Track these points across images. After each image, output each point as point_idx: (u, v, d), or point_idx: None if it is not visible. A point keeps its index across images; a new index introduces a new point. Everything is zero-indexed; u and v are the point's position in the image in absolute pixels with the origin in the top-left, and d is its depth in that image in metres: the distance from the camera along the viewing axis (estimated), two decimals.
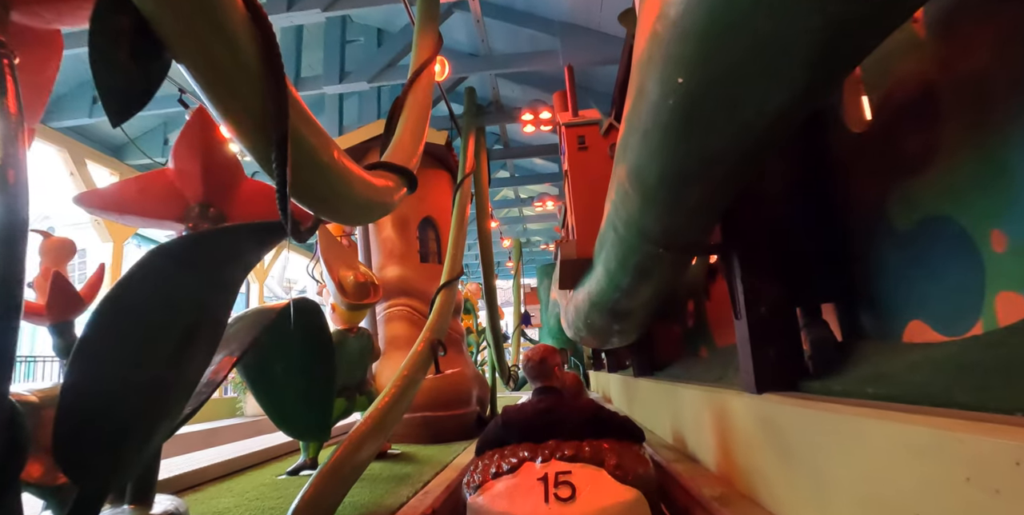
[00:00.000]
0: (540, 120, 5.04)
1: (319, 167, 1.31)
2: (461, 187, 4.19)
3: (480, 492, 1.68)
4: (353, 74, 4.68)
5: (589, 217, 2.70)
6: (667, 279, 2.21)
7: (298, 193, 1.29)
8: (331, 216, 1.48)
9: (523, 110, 5.01)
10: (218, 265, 1.28)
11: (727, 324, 3.14)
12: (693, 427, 2.43)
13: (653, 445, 3.12)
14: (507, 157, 6.63)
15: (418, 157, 2.20)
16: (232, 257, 1.28)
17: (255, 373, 2.07)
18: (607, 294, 2.59)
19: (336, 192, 1.41)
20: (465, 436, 4.27)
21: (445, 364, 4.32)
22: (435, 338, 2.91)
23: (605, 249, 2.30)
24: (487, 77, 5.20)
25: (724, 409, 1.97)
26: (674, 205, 1.51)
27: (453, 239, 3.73)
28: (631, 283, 2.27)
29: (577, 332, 4.40)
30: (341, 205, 1.48)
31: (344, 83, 4.69)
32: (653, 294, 2.39)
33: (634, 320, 3.07)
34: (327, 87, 4.72)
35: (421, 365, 2.72)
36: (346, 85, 4.70)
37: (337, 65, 4.70)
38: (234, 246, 1.27)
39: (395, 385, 2.43)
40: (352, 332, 3.05)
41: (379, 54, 4.89)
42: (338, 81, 4.68)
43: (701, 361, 3.53)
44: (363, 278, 2.99)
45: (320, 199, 1.38)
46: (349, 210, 1.54)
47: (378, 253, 4.65)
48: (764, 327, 1.66)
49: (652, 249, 1.80)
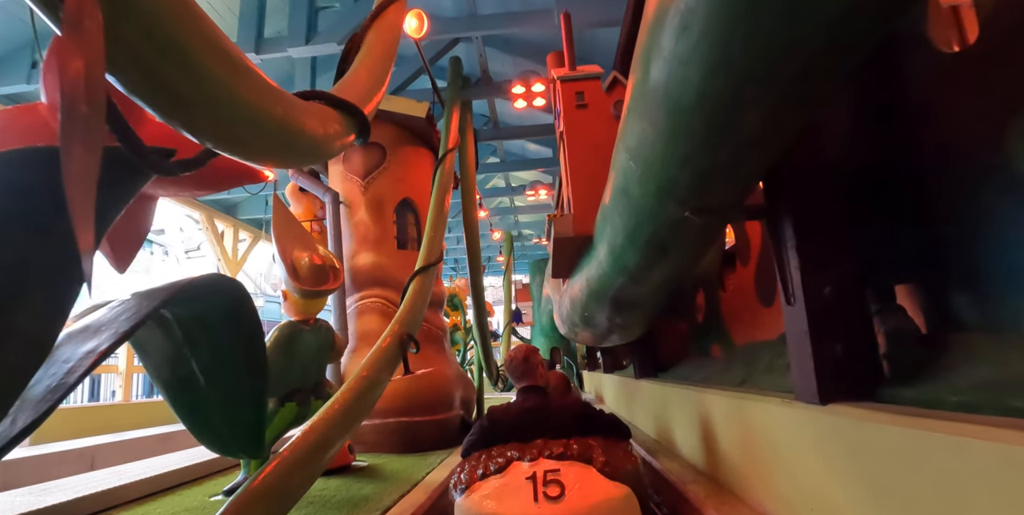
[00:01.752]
0: (533, 93, 4.61)
1: (195, 65, 0.88)
2: (443, 163, 3.76)
3: (468, 493, 1.66)
4: (323, 34, 4.22)
5: (589, 187, 2.28)
6: (687, 258, 1.79)
7: (155, 96, 0.87)
8: (229, 148, 1.05)
9: (514, 81, 4.58)
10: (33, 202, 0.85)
11: (748, 318, 2.73)
12: (721, 442, 2.01)
13: (659, 457, 2.71)
14: (496, 138, 6.20)
15: (375, 103, 1.77)
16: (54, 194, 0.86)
17: (164, 372, 1.65)
18: (609, 279, 2.18)
19: (234, 111, 0.98)
20: (446, 443, 3.84)
21: (422, 363, 3.90)
22: (405, 332, 2.48)
23: (610, 222, 1.88)
24: (474, 48, 4.77)
25: (768, 424, 1.55)
26: (713, 141, 1.09)
27: (432, 220, 3.30)
28: (641, 263, 1.85)
29: (572, 328, 3.99)
30: (245, 134, 1.05)
31: (312, 45, 4.23)
32: (666, 279, 1.97)
33: (639, 313, 2.65)
34: (292, 49, 4.25)
35: (386, 364, 2.29)
36: (314, 46, 4.24)
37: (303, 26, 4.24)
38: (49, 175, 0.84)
39: (349, 388, 2.00)
40: (307, 324, 2.61)
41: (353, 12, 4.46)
42: (304, 42, 4.22)
43: (714, 361, 3.13)
44: (320, 260, 2.56)
45: (206, 118, 0.95)
46: (259, 144, 1.11)
47: (350, 238, 4.22)
48: (829, 314, 1.25)
49: (675, 212, 1.38)
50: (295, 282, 2.52)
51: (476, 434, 1.87)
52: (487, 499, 1.62)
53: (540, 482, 1.59)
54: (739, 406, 1.82)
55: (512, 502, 1.58)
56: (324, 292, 2.58)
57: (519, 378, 2.03)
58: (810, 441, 1.28)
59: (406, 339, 2.45)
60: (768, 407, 1.53)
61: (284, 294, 2.61)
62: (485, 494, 1.63)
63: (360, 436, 3.71)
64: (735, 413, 1.84)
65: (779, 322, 2.39)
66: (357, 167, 4.30)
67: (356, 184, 4.27)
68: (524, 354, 2.07)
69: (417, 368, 3.82)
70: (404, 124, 4.44)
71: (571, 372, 10.15)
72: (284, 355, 2.46)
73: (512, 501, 1.58)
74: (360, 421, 2.03)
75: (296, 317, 2.63)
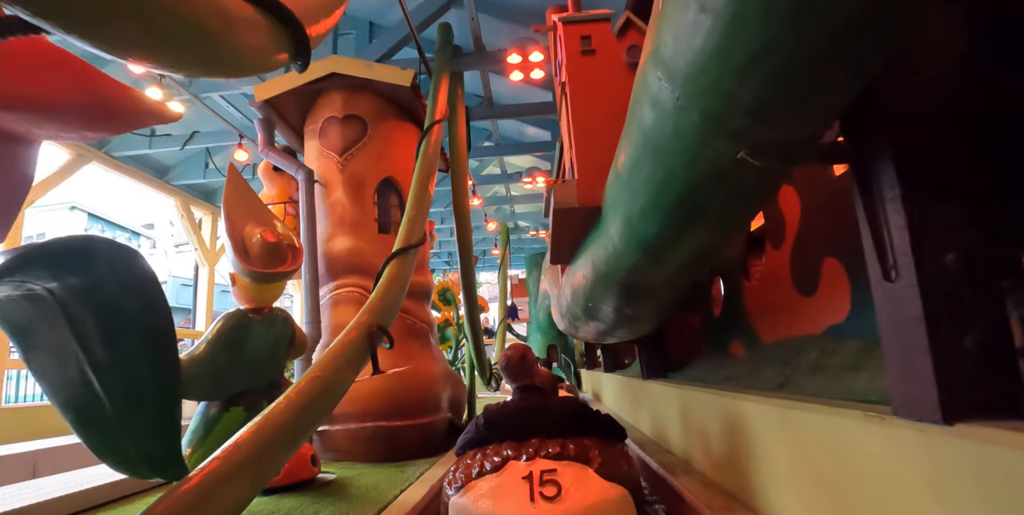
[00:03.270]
0: (530, 63, 4.21)
1: None
2: (429, 135, 3.37)
3: (463, 492, 1.65)
4: None
5: (597, 148, 1.90)
6: (725, 224, 1.41)
7: None
8: (61, 23, 0.66)
9: (509, 49, 4.18)
10: None
11: (782, 311, 2.36)
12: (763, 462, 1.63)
13: (676, 473, 2.34)
14: (490, 117, 5.79)
15: (326, 24, 1.37)
16: None
17: (47, 369, 1.28)
18: (622, 259, 1.80)
19: None
20: (431, 450, 3.47)
21: (403, 360, 3.52)
22: (375, 323, 2.10)
23: (627, 185, 1.50)
24: (466, 13, 4.37)
25: (845, 446, 1.17)
26: (800, 25, 0.70)
27: (414, 195, 2.92)
28: (665, 234, 1.47)
29: (572, 322, 3.61)
30: None
31: None
32: (693, 256, 1.60)
33: (652, 303, 2.28)
34: None
35: (348, 361, 1.91)
36: None
37: None
38: None
39: (298, 391, 1.61)
40: (260, 314, 2.23)
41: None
42: None
43: (735, 361, 2.76)
44: (274, 237, 2.17)
45: None
46: (114, 26, 0.72)
47: (325, 221, 3.82)
48: (954, 293, 0.88)
49: (723, 153, 1.00)
50: (243, 263, 2.13)
51: (471, 432, 1.85)
52: (482, 498, 1.60)
53: (536, 482, 1.58)
54: (790, 418, 1.44)
55: (508, 502, 1.56)
56: (279, 275, 2.19)
57: (515, 377, 1.99)
58: (923, 477, 0.90)
59: (376, 332, 2.07)
60: (844, 424, 1.15)
61: (232, 278, 2.22)
62: (481, 493, 1.61)
63: (332, 443, 3.33)
64: (785, 426, 1.47)
65: (825, 313, 2.02)
66: (334, 142, 3.90)
67: (333, 161, 3.88)
68: (521, 353, 2.04)
69: (394, 366, 3.45)
70: (387, 95, 4.05)
71: (569, 371, 9.80)
72: (228, 350, 2.08)
73: (508, 501, 1.57)
74: (308, 432, 1.65)
75: (246, 305, 2.24)
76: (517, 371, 1.99)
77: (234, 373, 2.09)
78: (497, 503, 1.58)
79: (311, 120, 4.13)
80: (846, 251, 1.84)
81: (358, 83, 3.93)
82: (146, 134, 6.12)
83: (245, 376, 2.12)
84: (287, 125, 4.33)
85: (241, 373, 2.10)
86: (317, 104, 4.10)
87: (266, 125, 3.99)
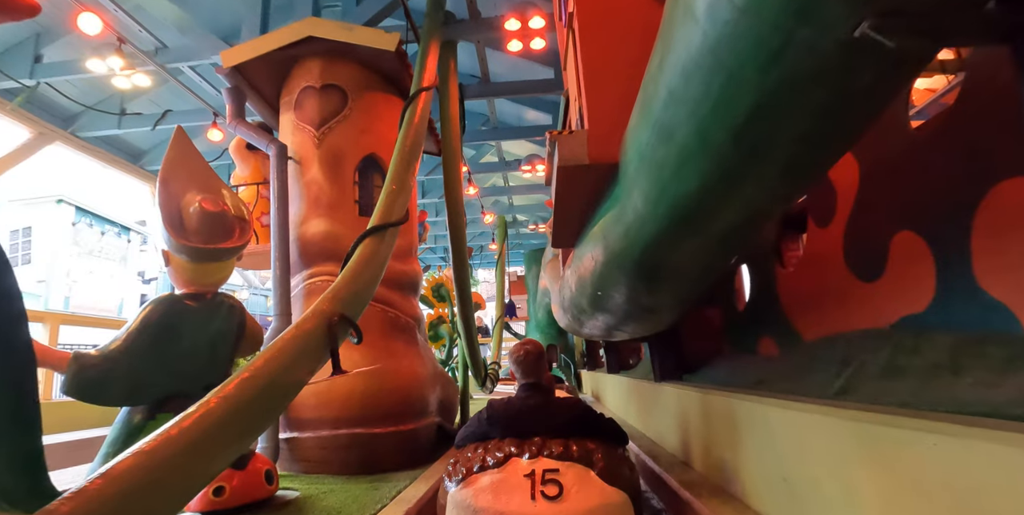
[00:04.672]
0: (530, 31, 3.84)
1: None
2: (415, 102, 3.00)
3: (464, 485, 1.66)
4: None
5: (613, 91, 1.54)
6: (806, 167, 1.04)
7: None
8: None
9: (507, 14, 3.81)
10: None
11: (831, 301, 1.99)
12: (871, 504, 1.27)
13: (700, 492, 1.98)
14: (486, 95, 5.40)
15: None
16: None
17: None
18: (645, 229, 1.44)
19: None
20: (416, 460, 3.11)
21: (384, 358, 3.15)
22: (337, 312, 1.73)
23: (661, 121, 1.14)
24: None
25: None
26: None
27: (395, 168, 2.55)
28: (711, 186, 1.10)
29: (577, 316, 3.25)
30: None
31: None
32: (744, 221, 1.23)
33: (675, 289, 1.91)
34: None
35: (298, 358, 1.54)
36: None
37: None
38: None
39: (221, 396, 1.25)
40: (200, 299, 1.86)
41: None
42: None
43: (767, 362, 2.40)
44: (214, 206, 1.81)
45: None
46: None
47: (299, 202, 3.45)
48: None
49: (838, 23, 0.63)
50: (175, 236, 1.77)
51: (474, 425, 1.86)
52: (483, 493, 1.61)
53: (538, 480, 1.59)
54: (879, 439, 1.08)
55: (509, 498, 1.58)
56: (221, 252, 1.82)
57: (528, 373, 1.98)
58: None
59: (337, 322, 1.70)
60: (990, 451, 0.78)
61: (165, 256, 1.85)
62: (481, 488, 1.63)
63: (301, 452, 2.97)
64: (869, 448, 1.10)
65: (896, 301, 1.65)
66: (311, 114, 3.53)
67: (308, 135, 3.50)
68: (540, 350, 2.05)
69: (375, 364, 3.08)
70: (371, 63, 3.68)
71: (569, 372, 9.44)
72: (155, 343, 1.71)
73: (509, 497, 1.58)
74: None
75: (184, 288, 1.87)
76: (532, 367, 1.98)
77: (162, 372, 1.73)
78: (498, 499, 1.59)
79: (286, 91, 3.76)
80: (929, 221, 1.47)
81: (338, 49, 3.56)
82: (115, 112, 5.73)
83: (177, 376, 1.75)
84: (261, 97, 3.96)
85: (172, 372, 1.73)
86: (293, 73, 3.73)
87: (235, 95, 3.62)
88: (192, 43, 4.63)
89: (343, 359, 3.01)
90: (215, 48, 3.85)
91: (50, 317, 5.15)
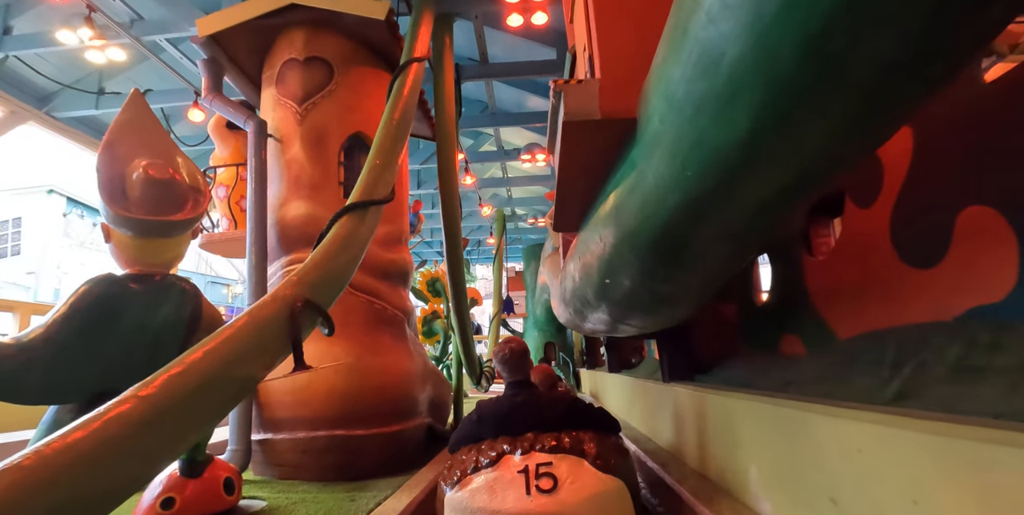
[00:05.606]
0: (532, 3, 3.60)
1: None
2: (404, 73, 2.76)
3: (459, 487, 1.68)
4: None
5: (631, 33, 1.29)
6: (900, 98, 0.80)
7: None
8: None
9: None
10: None
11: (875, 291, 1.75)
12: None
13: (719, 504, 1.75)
14: (484, 76, 5.15)
15: None
16: None
17: None
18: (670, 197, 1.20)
19: None
20: (403, 465, 2.88)
21: (364, 352, 2.91)
22: (303, 297, 1.50)
23: (699, 46, 0.90)
24: None
25: None
26: None
27: (380, 140, 2.31)
28: (765, 126, 0.87)
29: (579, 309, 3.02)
30: None
31: None
32: (803, 176, 1.00)
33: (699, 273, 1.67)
34: None
35: (253, 351, 1.30)
36: None
37: None
38: None
39: (141, 394, 1.01)
40: (146, 281, 1.62)
41: None
42: None
43: (794, 361, 2.16)
44: (161, 173, 1.57)
45: None
46: None
47: (279, 182, 3.21)
48: None
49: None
50: (113, 206, 1.53)
51: (465, 428, 1.89)
52: (479, 492, 1.63)
53: (532, 475, 1.61)
54: (980, 457, 0.84)
55: (505, 495, 1.60)
56: (170, 225, 1.58)
57: (513, 372, 2.02)
58: None
59: (302, 310, 1.47)
60: None
61: (105, 230, 1.61)
62: (476, 488, 1.65)
63: (275, 455, 2.73)
64: (976, 472, 0.87)
65: (961, 290, 1.41)
66: (293, 89, 3.29)
67: (290, 111, 3.26)
68: (523, 348, 2.09)
69: (358, 360, 2.83)
70: (358, 34, 3.43)
71: (567, 370, 9.21)
72: (86, 331, 1.47)
73: (505, 494, 1.60)
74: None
75: (128, 268, 1.63)
76: (518, 365, 2.02)
77: (94, 365, 1.49)
78: (494, 497, 1.61)
79: (268, 65, 3.52)
80: (1010, 193, 1.24)
81: (323, 17, 3.32)
82: (92, 91, 5.47)
83: (112, 370, 1.50)
84: (241, 72, 3.71)
85: (105, 366, 1.49)
86: (276, 45, 3.48)
87: (211, 67, 3.38)
88: (169, 14, 4.39)
89: (321, 355, 2.78)
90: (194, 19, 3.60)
91: (20, 306, 4.90)
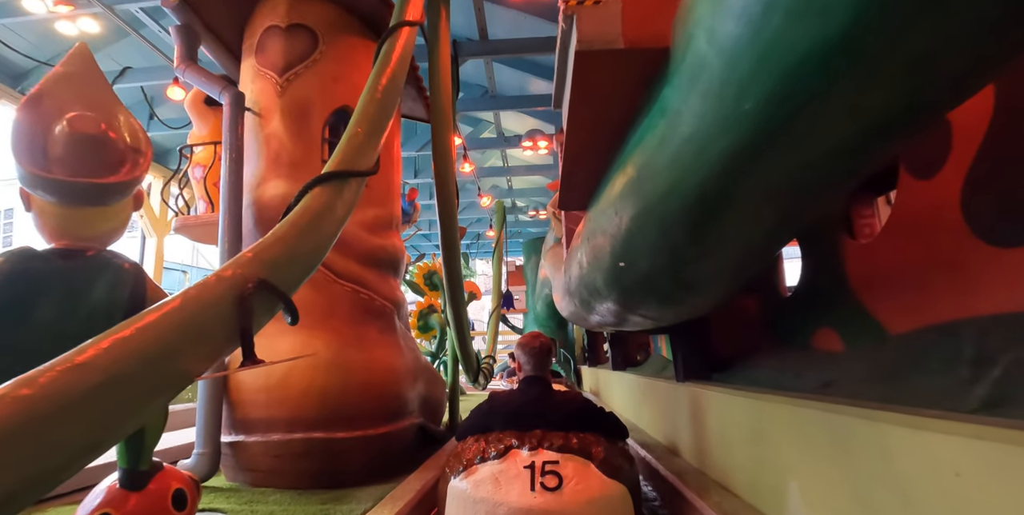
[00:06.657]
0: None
1: None
2: (393, 36, 2.50)
3: (464, 476, 1.71)
4: None
5: None
6: None
7: None
8: None
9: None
10: None
11: (938, 278, 1.51)
12: None
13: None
14: (483, 53, 4.87)
15: None
16: None
17: None
18: (717, 142, 0.95)
19: None
20: (390, 470, 2.63)
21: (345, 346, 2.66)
22: (253, 276, 1.24)
23: None
24: None
25: None
26: None
27: (364, 105, 2.05)
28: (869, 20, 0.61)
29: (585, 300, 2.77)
30: None
31: None
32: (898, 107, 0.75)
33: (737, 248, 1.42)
34: None
35: (187, 341, 1.06)
36: None
37: None
38: None
39: (16, 393, 0.76)
40: (75, 257, 1.37)
41: None
42: None
43: (830, 359, 1.92)
44: (89, 127, 1.32)
45: None
46: None
47: (257, 160, 2.96)
48: None
49: None
50: (28, 165, 1.28)
51: (475, 417, 1.93)
52: (483, 483, 1.66)
53: (538, 472, 1.63)
54: None
55: (509, 488, 1.62)
56: (99, 189, 1.33)
57: (537, 366, 2.06)
58: None
59: (253, 291, 1.21)
60: None
61: (25, 197, 1.36)
62: (481, 478, 1.67)
63: (247, 460, 2.49)
64: None
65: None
66: (273, 58, 3.03)
67: (270, 82, 3.00)
68: (551, 345, 2.14)
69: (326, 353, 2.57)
70: (346, 1, 3.18)
71: (568, 368, 8.98)
72: None
73: (509, 488, 1.63)
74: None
75: (53, 241, 1.39)
76: (542, 361, 2.07)
77: (7, 354, 1.24)
78: (498, 489, 1.64)
79: (248, 33, 3.25)
80: None
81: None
82: None
83: (24, 356, 1.25)
84: (220, 43, 3.44)
85: (16, 351, 1.25)
86: (256, 12, 3.22)
87: (184, 34, 3.11)
88: None
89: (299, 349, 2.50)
90: None
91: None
